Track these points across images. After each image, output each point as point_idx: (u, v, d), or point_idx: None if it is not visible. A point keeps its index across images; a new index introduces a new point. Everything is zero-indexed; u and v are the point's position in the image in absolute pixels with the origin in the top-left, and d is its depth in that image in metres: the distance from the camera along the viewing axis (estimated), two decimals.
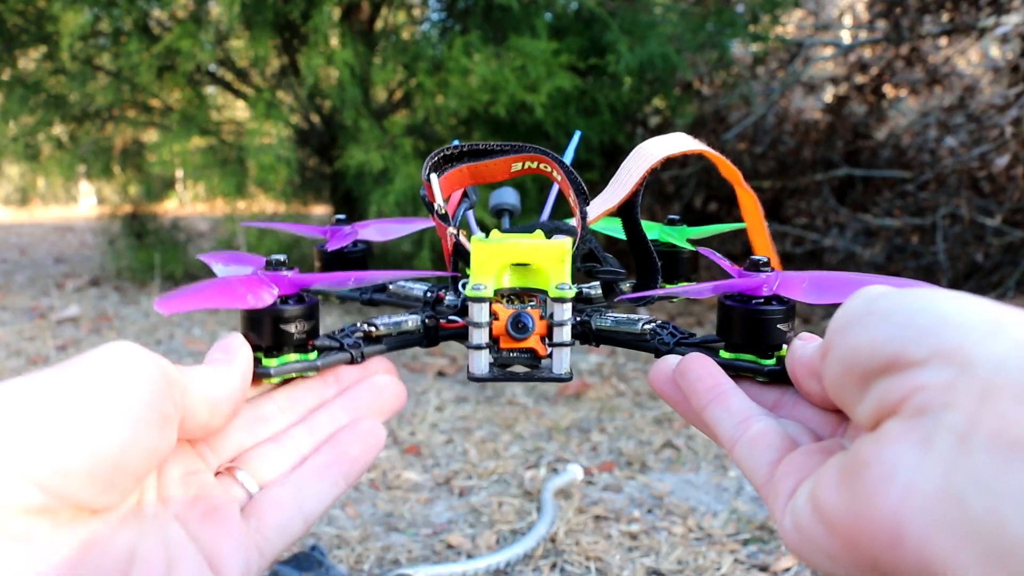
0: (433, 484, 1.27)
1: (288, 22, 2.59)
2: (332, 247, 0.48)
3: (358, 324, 0.39)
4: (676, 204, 2.98)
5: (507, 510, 1.16)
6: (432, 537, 1.09)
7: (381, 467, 1.32)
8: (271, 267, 0.35)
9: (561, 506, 1.16)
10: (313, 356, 0.36)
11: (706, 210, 3.09)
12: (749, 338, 0.34)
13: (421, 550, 1.06)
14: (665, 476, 1.29)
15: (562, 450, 1.40)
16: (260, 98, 2.51)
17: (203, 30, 2.47)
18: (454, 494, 1.23)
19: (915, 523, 0.20)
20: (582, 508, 1.16)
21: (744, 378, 0.35)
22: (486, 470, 1.31)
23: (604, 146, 2.59)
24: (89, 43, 2.75)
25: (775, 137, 2.93)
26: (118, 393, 0.26)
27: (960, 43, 2.73)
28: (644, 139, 0.39)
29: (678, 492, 1.23)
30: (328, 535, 1.09)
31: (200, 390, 0.30)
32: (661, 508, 1.17)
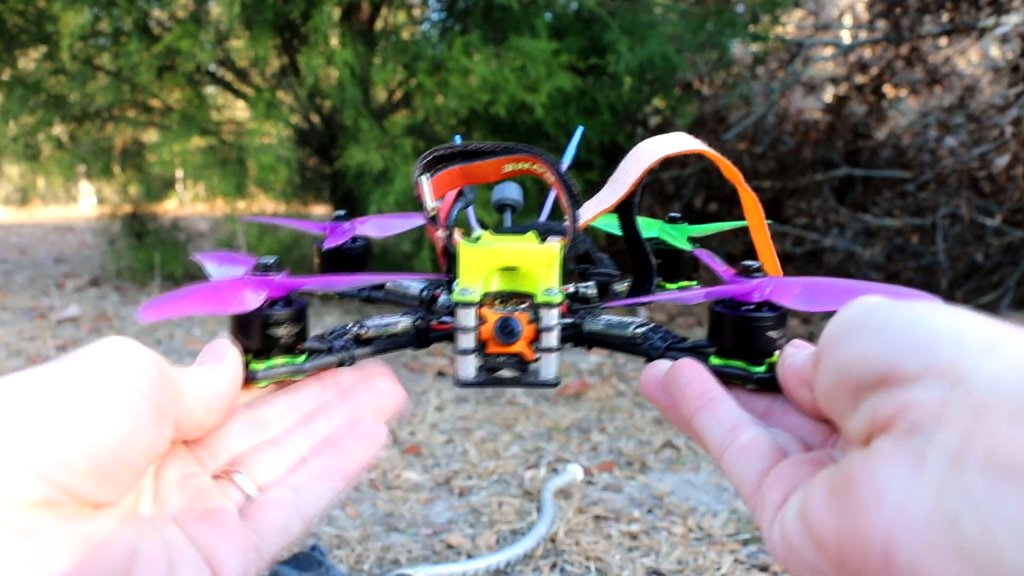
0: (433, 484, 1.27)
1: (288, 22, 2.59)
2: (331, 244, 0.47)
3: (348, 326, 0.38)
4: (676, 204, 2.98)
5: (507, 510, 1.16)
6: (432, 537, 1.09)
7: (381, 467, 1.32)
8: (260, 270, 0.35)
9: (561, 506, 1.16)
10: (301, 359, 0.36)
11: (706, 210, 3.09)
12: (739, 345, 0.34)
13: (421, 550, 1.06)
14: (665, 476, 1.29)
15: (562, 450, 1.40)
16: (260, 98, 2.51)
17: (203, 30, 2.47)
18: (454, 494, 1.23)
19: (906, 544, 0.20)
20: (582, 508, 1.16)
21: (734, 385, 0.35)
22: (486, 470, 1.31)
23: (604, 146, 2.59)
24: (89, 43, 2.75)
25: (775, 137, 2.93)
26: (116, 386, 0.26)
27: (960, 43, 2.73)
28: (644, 139, 0.39)
29: (678, 492, 1.23)
30: (328, 535, 1.09)
31: (194, 388, 0.30)
32: (661, 508, 1.17)
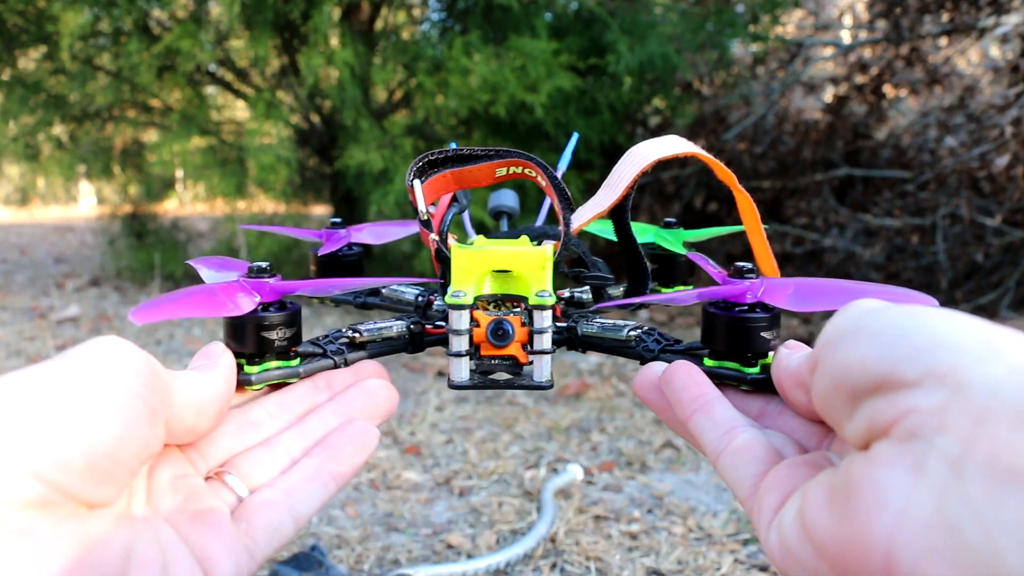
0: (433, 484, 1.27)
1: (288, 22, 2.59)
2: (326, 251, 0.47)
3: (343, 330, 0.38)
4: (676, 204, 2.98)
5: (507, 510, 1.16)
6: (432, 537, 1.09)
7: (381, 467, 1.32)
8: (253, 274, 0.35)
9: (561, 506, 1.16)
10: (295, 363, 0.36)
11: (706, 210, 3.09)
12: (732, 346, 0.34)
13: (421, 550, 1.06)
14: (665, 476, 1.29)
15: (562, 450, 1.40)
16: (260, 98, 2.51)
17: (203, 30, 2.46)
18: (454, 494, 1.23)
19: (907, 550, 0.20)
20: (582, 508, 1.16)
21: (728, 386, 0.34)
22: (486, 470, 1.31)
23: (604, 146, 2.59)
24: (89, 43, 2.74)
25: (775, 137, 2.93)
26: (110, 385, 0.26)
27: (960, 43, 2.73)
28: (644, 139, 0.38)
29: (678, 492, 1.23)
30: (328, 535, 1.09)
31: (185, 392, 0.30)
32: (661, 508, 1.17)
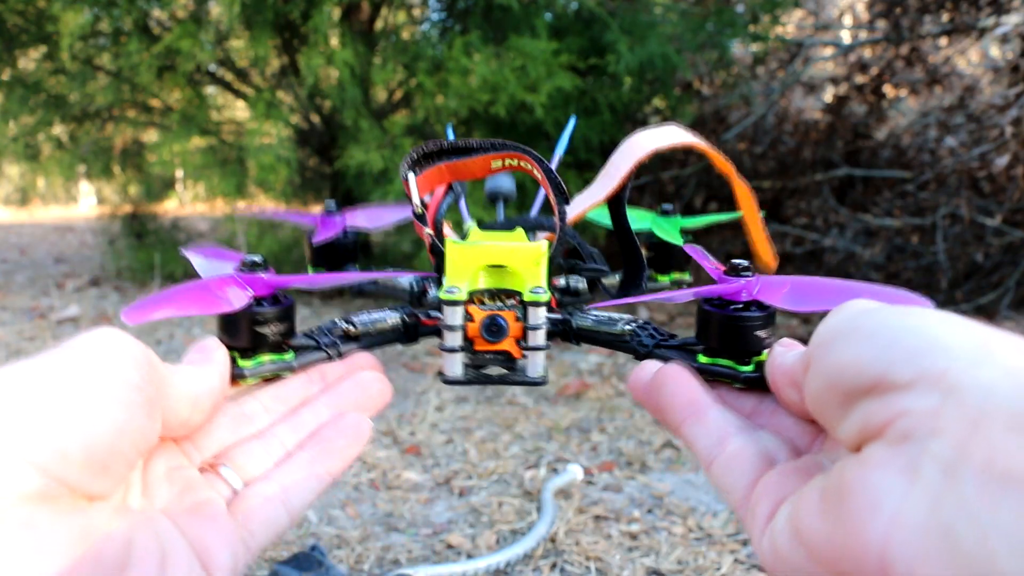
0: (433, 484, 1.27)
1: (288, 22, 2.59)
2: (322, 236, 0.47)
3: (336, 322, 0.38)
4: (676, 204, 2.98)
5: (507, 510, 1.16)
6: (432, 537, 1.09)
7: (381, 467, 1.32)
8: (246, 268, 0.35)
9: (561, 506, 1.16)
10: (289, 356, 0.36)
11: (706, 210, 3.09)
12: (726, 344, 0.34)
13: (421, 550, 1.06)
14: (665, 476, 1.29)
15: (562, 450, 1.40)
16: (260, 98, 2.51)
17: (203, 30, 2.46)
18: (454, 494, 1.23)
19: (902, 554, 0.20)
20: (582, 508, 1.16)
21: (721, 383, 0.34)
22: (486, 470, 1.31)
23: (604, 146, 2.59)
24: (89, 43, 2.74)
25: (775, 137, 2.93)
26: (109, 377, 0.26)
27: (960, 43, 2.73)
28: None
29: (678, 492, 1.23)
30: (328, 535, 1.09)
31: (180, 385, 0.30)
32: (661, 508, 1.17)
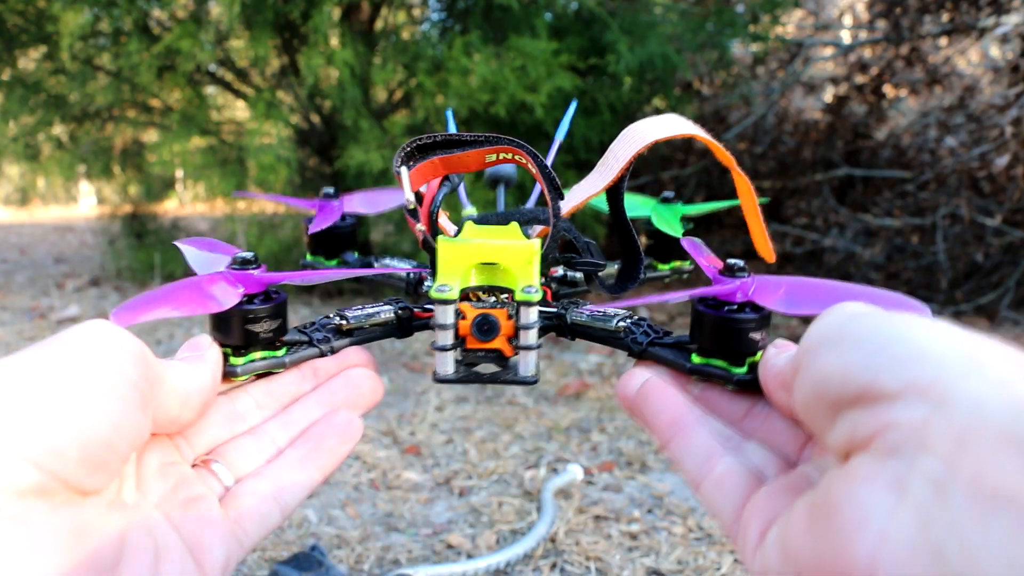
0: (433, 484, 1.27)
1: (288, 22, 2.59)
2: (320, 222, 0.47)
3: (330, 316, 0.38)
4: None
5: (507, 510, 1.16)
6: (432, 537, 1.09)
7: (381, 467, 1.32)
8: (237, 264, 0.35)
9: (561, 506, 1.16)
10: (281, 353, 0.35)
11: None
12: (720, 345, 0.33)
13: (421, 550, 1.06)
14: (665, 476, 1.29)
15: (562, 450, 1.40)
16: (260, 98, 2.51)
17: (203, 30, 2.46)
18: (454, 494, 1.23)
19: (890, 573, 0.20)
20: (582, 508, 1.16)
21: (715, 384, 0.34)
22: (486, 470, 1.31)
23: (604, 146, 2.58)
24: (89, 43, 2.74)
25: (775, 137, 2.93)
26: (103, 371, 0.26)
27: (960, 43, 2.73)
28: None
29: (678, 492, 1.23)
30: (328, 535, 1.09)
31: (172, 381, 0.30)
32: (661, 508, 1.17)
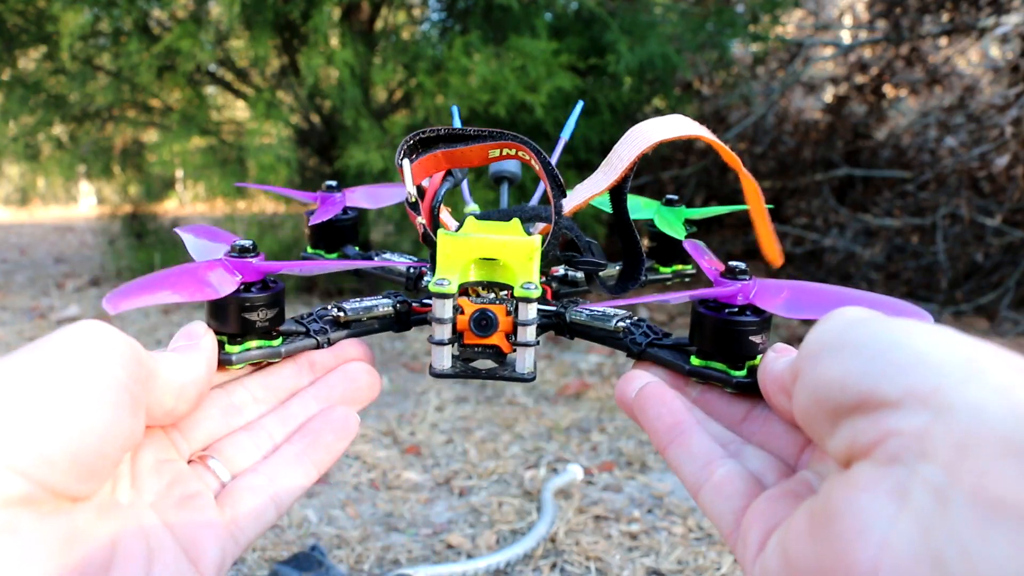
0: (433, 484, 1.27)
1: (288, 22, 2.59)
2: (321, 215, 0.47)
3: (327, 308, 0.38)
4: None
5: (507, 510, 1.16)
6: (432, 537, 1.09)
7: (381, 467, 1.32)
8: (236, 253, 0.35)
9: (561, 506, 1.16)
10: (277, 343, 0.35)
11: None
12: (720, 347, 0.33)
13: (421, 550, 1.06)
14: (665, 476, 1.29)
15: (562, 450, 1.40)
16: (260, 98, 2.51)
17: (203, 30, 2.46)
18: (454, 494, 1.23)
19: None
20: (582, 508, 1.16)
21: (714, 386, 0.34)
22: (486, 470, 1.31)
23: (604, 146, 2.59)
24: (89, 43, 2.74)
25: (775, 137, 2.93)
26: (93, 376, 0.25)
27: (960, 43, 2.73)
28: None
29: (678, 492, 1.23)
30: (328, 535, 1.09)
31: (166, 375, 0.29)
32: (661, 508, 1.17)
